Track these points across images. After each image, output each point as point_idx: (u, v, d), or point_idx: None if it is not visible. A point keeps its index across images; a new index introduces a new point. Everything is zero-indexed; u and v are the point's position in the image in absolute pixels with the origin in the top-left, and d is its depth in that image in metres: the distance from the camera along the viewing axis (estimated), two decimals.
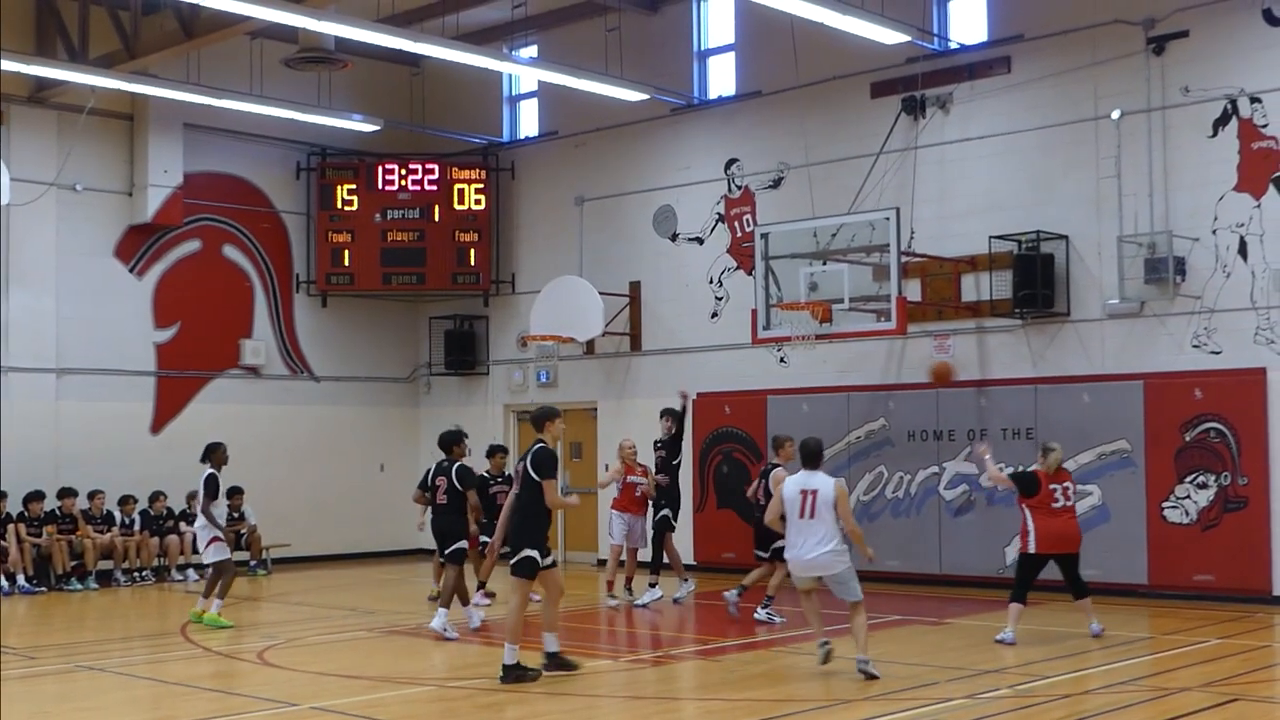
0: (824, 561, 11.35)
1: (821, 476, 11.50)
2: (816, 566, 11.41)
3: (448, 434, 14.71)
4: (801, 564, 11.47)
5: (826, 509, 11.29)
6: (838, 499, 11.32)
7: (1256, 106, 16.02)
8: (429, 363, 24.08)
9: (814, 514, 11.29)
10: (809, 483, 11.44)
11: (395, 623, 15.08)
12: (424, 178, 22.92)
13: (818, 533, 11.30)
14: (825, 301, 16.71)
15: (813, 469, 11.56)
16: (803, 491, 11.41)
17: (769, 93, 20.00)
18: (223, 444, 15.38)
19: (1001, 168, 17.88)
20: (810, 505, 11.31)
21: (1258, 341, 15.89)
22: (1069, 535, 13.48)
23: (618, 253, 21.61)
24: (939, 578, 17.60)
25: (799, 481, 11.52)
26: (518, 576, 11.37)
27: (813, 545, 11.31)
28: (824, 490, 11.34)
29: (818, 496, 11.32)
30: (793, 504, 11.43)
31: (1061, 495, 13.42)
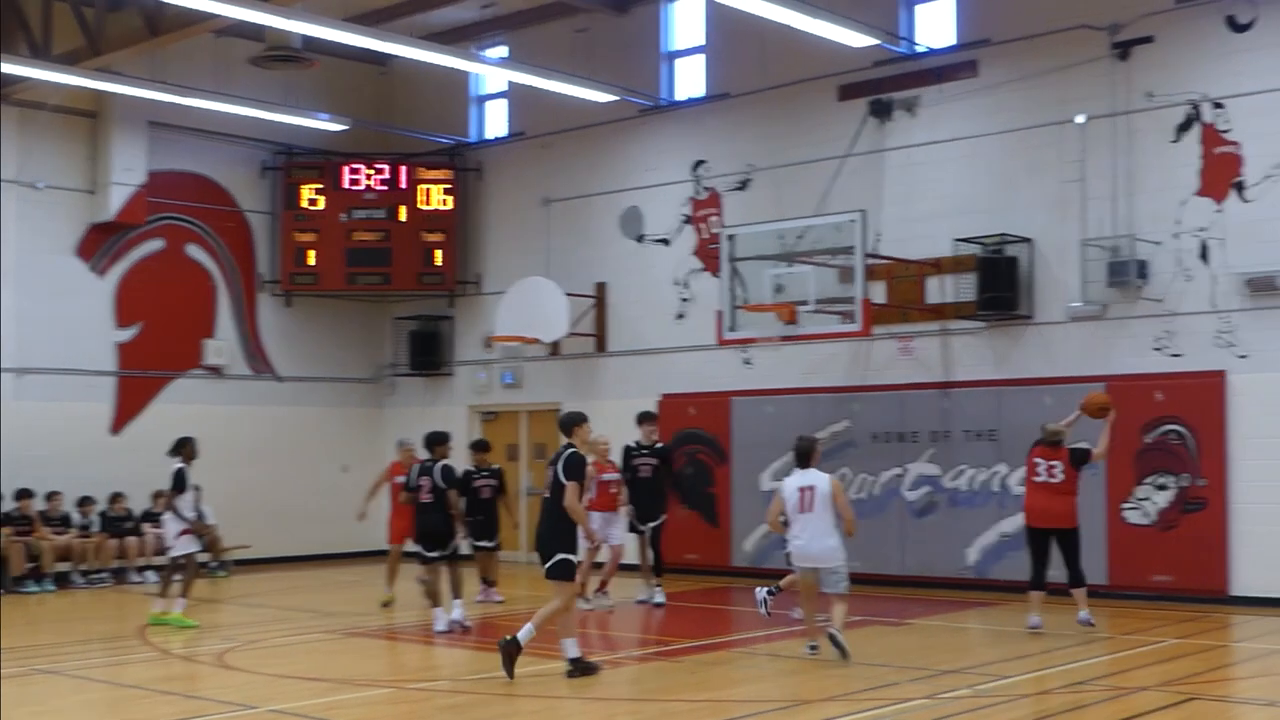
0: (824, 553, 12.14)
1: (817, 473, 12.28)
2: (817, 557, 12.19)
3: (433, 434, 14.90)
4: (804, 555, 12.26)
5: (824, 502, 12.08)
6: (834, 492, 12.12)
7: (1219, 112, 16.17)
8: (393, 363, 24.07)
9: (812, 508, 12.09)
10: (805, 480, 12.24)
11: (356, 624, 15.06)
12: (390, 177, 22.89)
13: (818, 525, 12.10)
14: (791, 303, 16.77)
15: (806, 467, 12.32)
16: (800, 489, 12.19)
17: (737, 95, 20.07)
18: (192, 439, 15.39)
19: (967, 171, 18.00)
20: (809, 500, 12.11)
21: (1218, 345, 16.05)
22: (1042, 510, 13.84)
23: (584, 254, 21.64)
24: (901, 579, 17.71)
25: (796, 480, 12.30)
26: (559, 580, 11.50)
27: (814, 537, 12.13)
28: (821, 485, 12.15)
29: (815, 491, 12.11)
30: (792, 501, 12.20)
31: (1045, 472, 13.83)
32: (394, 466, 17.16)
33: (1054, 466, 13.87)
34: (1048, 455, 13.95)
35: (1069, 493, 13.90)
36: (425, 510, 14.55)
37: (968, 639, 14.17)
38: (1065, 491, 13.88)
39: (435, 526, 14.50)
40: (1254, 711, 10.22)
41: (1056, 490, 13.85)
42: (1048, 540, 13.96)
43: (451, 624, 14.40)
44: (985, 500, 17.39)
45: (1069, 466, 13.88)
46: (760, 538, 19.14)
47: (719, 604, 17.02)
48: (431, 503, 14.49)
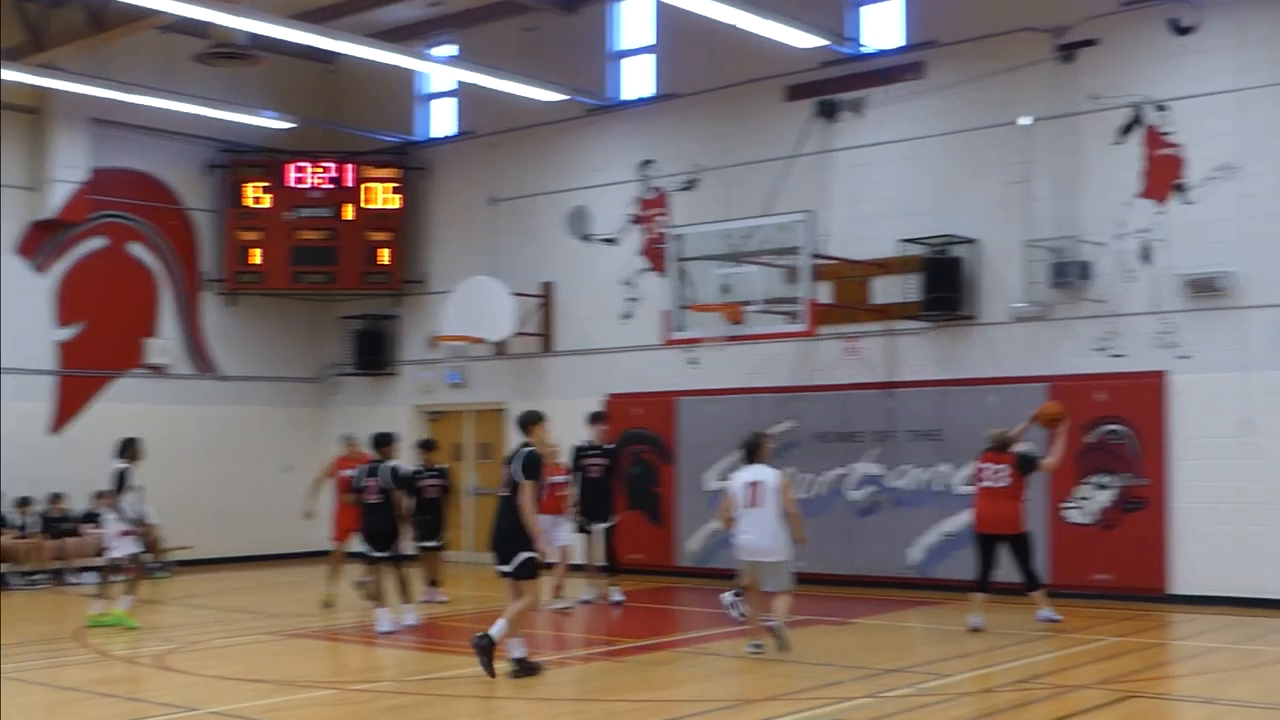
0: (766, 546, 12.29)
1: (765, 468, 12.50)
2: (760, 551, 12.33)
3: (381, 435, 14.96)
4: (747, 548, 12.40)
5: (771, 498, 12.28)
6: (781, 487, 12.34)
7: (1162, 114, 16.31)
8: (338, 363, 23.94)
9: (759, 503, 12.28)
10: (753, 475, 12.48)
11: (299, 626, 14.97)
12: (336, 176, 22.77)
13: (764, 521, 12.27)
14: (737, 303, 16.79)
15: (753, 462, 12.55)
16: (748, 484, 12.41)
17: (684, 95, 20.08)
18: (138, 439, 15.31)
19: (913, 172, 18.08)
20: (756, 495, 12.31)
21: (1159, 346, 16.19)
22: (986, 515, 14.02)
23: (530, 253, 21.59)
24: (845, 578, 17.76)
25: (744, 475, 12.54)
26: (526, 579, 11.44)
27: (760, 532, 12.28)
28: (768, 481, 12.38)
29: (762, 487, 12.33)
30: (740, 496, 12.42)
31: (990, 476, 14.01)
32: (338, 461, 17.10)
33: (999, 470, 13.97)
34: (994, 459, 14.05)
35: (1013, 498, 13.97)
36: (372, 511, 14.57)
37: (910, 638, 14.24)
38: (1009, 496, 13.95)
39: (381, 527, 14.53)
40: (1192, 709, 10.32)
41: (1001, 495, 13.95)
42: (995, 545, 14.05)
43: (402, 627, 14.35)
44: (929, 500, 17.48)
45: (1014, 471, 13.96)
46: (706, 537, 19.17)
47: (664, 604, 17.02)
48: (378, 503, 14.53)
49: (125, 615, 14.77)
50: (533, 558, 11.45)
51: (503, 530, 11.58)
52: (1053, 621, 13.78)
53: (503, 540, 11.56)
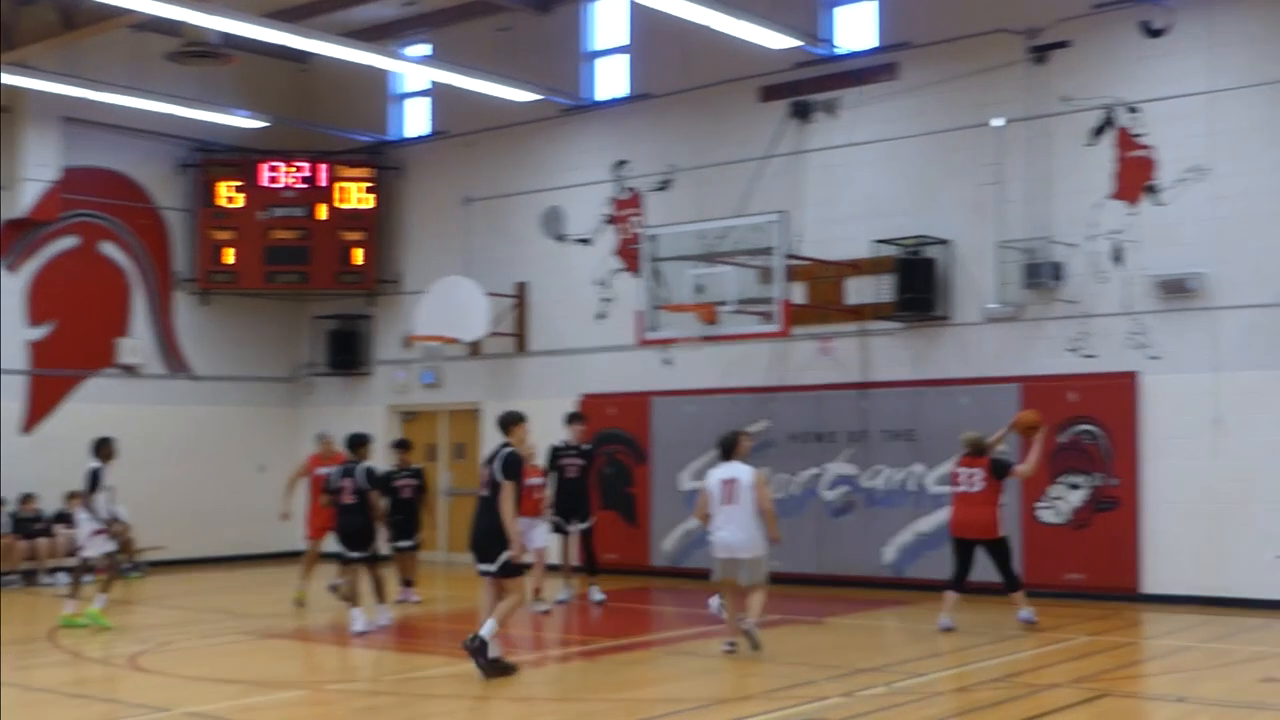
0: (743, 542, 12.39)
1: (741, 466, 12.59)
2: (735, 547, 12.42)
3: (356, 436, 14.94)
4: (722, 545, 12.49)
5: (746, 494, 12.36)
6: (756, 484, 12.43)
7: (1133, 116, 16.39)
8: (312, 362, 23.87)
9: (735, 499, 12.39)
10: (729, 472, 12.56)
11: (272, 626, 14.91)
12: (310, 175, 22.69)
13: (739, 517, 12.37)
14: (711, 304, 16.80)
15: (730, 460, 12.64)
16: (724, 481, 12.51)
17: (658, 95, 20.09)
18: (112, 439, 15.24)
19: (886, 173, 18.12)
20: (731, 492, 12.41)
21: (1130, 346, 16.27)
22: (962, 520, 14.04)
23: (505, 253, 21.56)
24: (819, 577, 17.81)
25: (720, 473, 12.64)
26: (510, 576, 11.49)
27: (735, 528, 12.39)
28: (744, 478, 12.46)
29: (738, 484, 12.42)
30: (716, 493, 12.50)
31: (965, 480, 14.03)
32: (313, 460, 17.04)
33: (974, 475, 14.01)
34: (969, 464, 14.09)
35: (988, 503, 13.97)
36: (347, 512, 14.55)
37: (884, 637, 14.28)
38: (984, 502, 13.96)
39: (357, 527, 14.51)
40: (1163, 707, 10.37)
41: (976, 500, 13.98)
42: (971, 549, 14.10)
43: (375, 627, 14.34)
44: (902, 500, 17.53)
45: (989, 475, 13.99)
46: (680, 537, 19.20)
47: (638, 604, 17.03)
48: (354, 504, 14.50)
49: (100, 614, 14.70)
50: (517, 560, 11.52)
51: (483, 530, 11.58)
52: (1030, 623, 13.81)
53: (484, 540, 11.57)
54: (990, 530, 13.98)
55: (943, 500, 16.95)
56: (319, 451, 16.97)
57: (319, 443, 17.09)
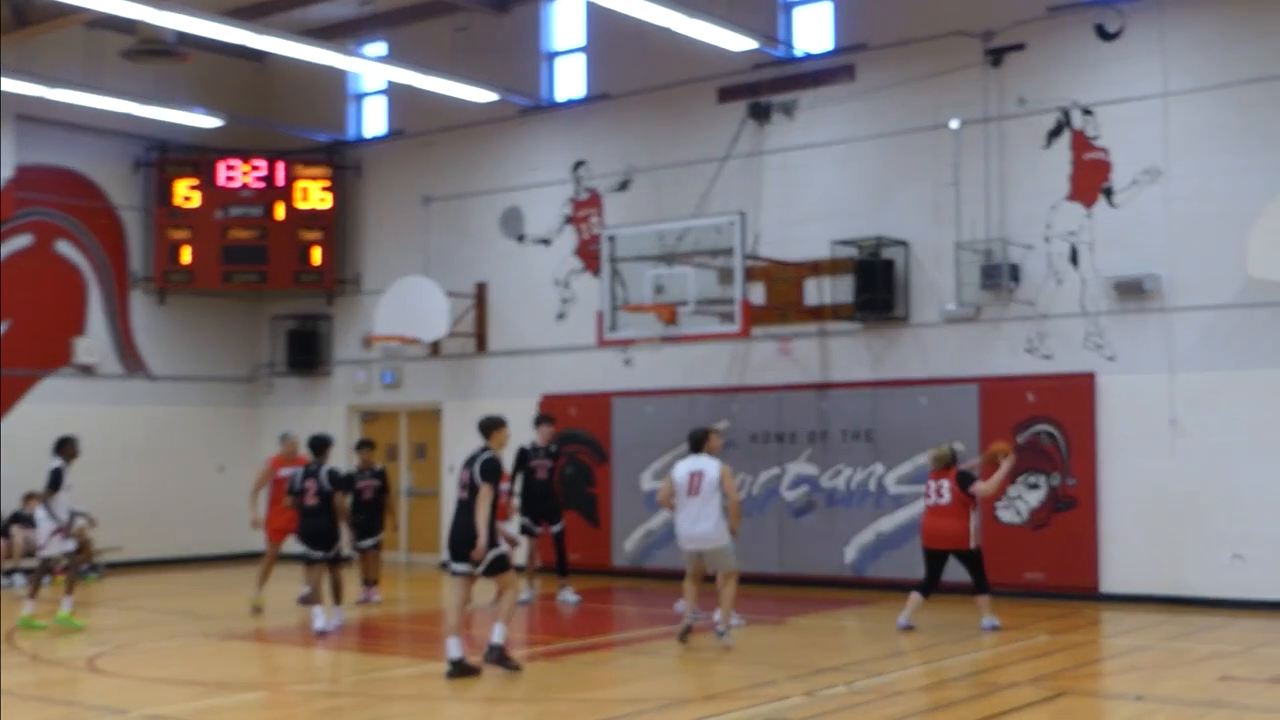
0: (707, 533, 12.75)
1: (708, 459, 12.94)
2: (700, 539, 12.79)
3: (319, 437, 14.94)
4: (688, 537, 12.88)
5: (711, 488, 12.70)
6: (722, 477, 12.76)
7: (1088, 119, 16.48)
8: (270, 362, 23.73)
9: (699, 492, 12.72)
10: (696, 465, 12.90)
11: (232, 628, 14.78)
12: (267, 175, 22.53)
13: (703, 510, 12.72)
14: (671, 304, 16.76)
15: (698, 453, 12.98)
16: (691, 474, 12.86)
17: (617, 96, 20.06)
18: (74, 438, 15.16)
19: (844, 174, 18.15)
20: (697, 484, 12.76)
21: (1087, 347, 16.36)
22: (931, 531, 14.04)
23: (464, 253, 21.49)
24: (780, 578, 17.81)
25: (688, 465, 12.97)
26: (499, 574, 11.59)
27: (698, 520, 12.74)
28: (710, 471, 12.78)
29: (704, 477, 12.76)
30: (681, 485, 12.85)
31: (934, 493, 14.04)
32: (275, 461, 16.81)
33: (941, 487, 14.02)
34: (937, 477, 14.10)
35: (957, 515, 13.96)
36: (311, 513, 14.56)
37: (845, 637, 14.29)
38: (953, 514, 13.96)
39: (321, 529, 14.52)
40: (1123, 706, 10.41)
41: (944, 512, 13.99)
42: (942, 560, 14.09)
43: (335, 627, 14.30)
44: (862, 500, 17.55)
45: (955, 487, 14.01)
46: (642, 537, 19.17)
47: (600, 604, 16.96)
48: (317, 506, 14.53)
49: (70, 616, 14.57)
50: (501, 554, 11.56)
51: (464, 532, 11.60)
52: (995, 629, 13.80)
53: (464, 542, 11.59)
54: (961, 541, 13.97)
55: (903, 500, 17.10)
56: (282, 452, 16.78)
57: (282, 443, 16.91)
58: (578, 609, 16.12)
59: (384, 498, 17.17)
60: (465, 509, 11.62)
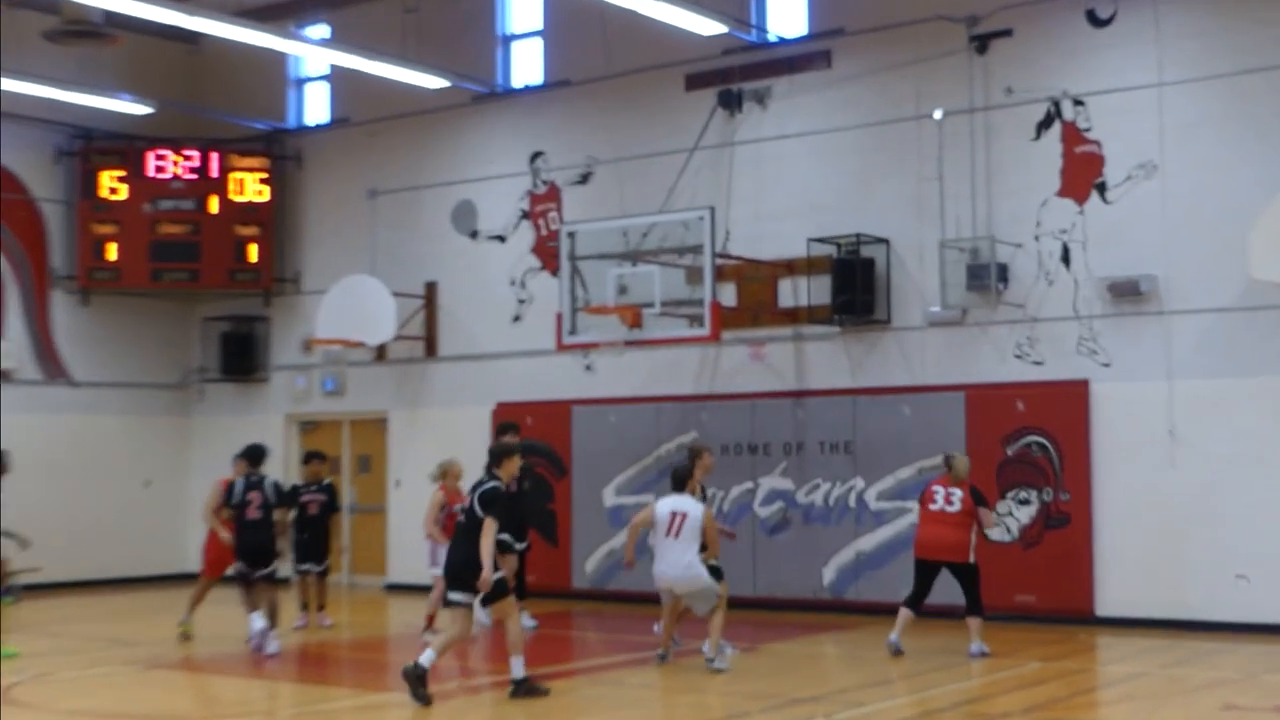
0: (685, 578, 12.95)
1: (691, 500, 13.18)
2: (679, 583, 13.01)
3: (256, 447, 14.91)
4: (667, 580, 13.10)
5: (693, 532, 12.93)
6: (705, 523, 13.01)
7: (1079, 109, 16.45)
8: (202, 368, 23.49)
9: (679, 534, 12.93)
10: (679, 505, 13.10)
11: (160, 655, 14.55)
12: (200, 165, 22.32)
13: (681, 553, 12.92)
14: (635, 305, 16.65)
15: (680, 492, 13.24)
16: (673, 513, 13.03)
17: (577, 83, 19.96)
18: (6, 451, 15.11)
19: (821, 167, 18.09)
20: (678, 526, 12.95)
21: (1080, 352, 16.31)
22: (931, 540, 13.88)
23: (413, 251, 21.34)
24: (753, 600, 17.64)
25: (670, 504, 13.15)
26: (497, 602, 11.71)
27: (677, 564, 12.93)
28: (693, 514, 12.99)
29: (687, 519, 12.96)
30: (662, 523, 13.02)
31: (943, 499, 13.87)
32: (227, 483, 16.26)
33: (953, 494, 13.89)
34: (948, 483, 13.96)
35: (962, 526, 13.90)
36: (253, 528, 14.51)
37: (823, 664, 14.23)
38: (959, 524, 13.88)
39: (263, 545, 14.51)
40: None
41: (950, 521, 13.86)
42: (936, 572, 13.95)
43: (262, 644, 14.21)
44: (841, 517, 17.44)
45: (968, 497, 13.92)
46: (603, 558, 19.01)
47: (560, 629, 16.79)
48: (260, 520, 14.48)
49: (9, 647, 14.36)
50: (500, 580, 11.64)
51: (464, 558, 11.67)
52: (984, 655, 13.68)
53: (464, 569, 11.64)
54: (962, 553, 13.90)
55: (885, 517, 17.01)
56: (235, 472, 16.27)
57: (237, 464, 16.45)
58: (534, 635, 15.91)
59: (332, 515, 16.94)
60: (466, 535, 11.73)
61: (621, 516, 18.67)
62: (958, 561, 13.90)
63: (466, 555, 11.62)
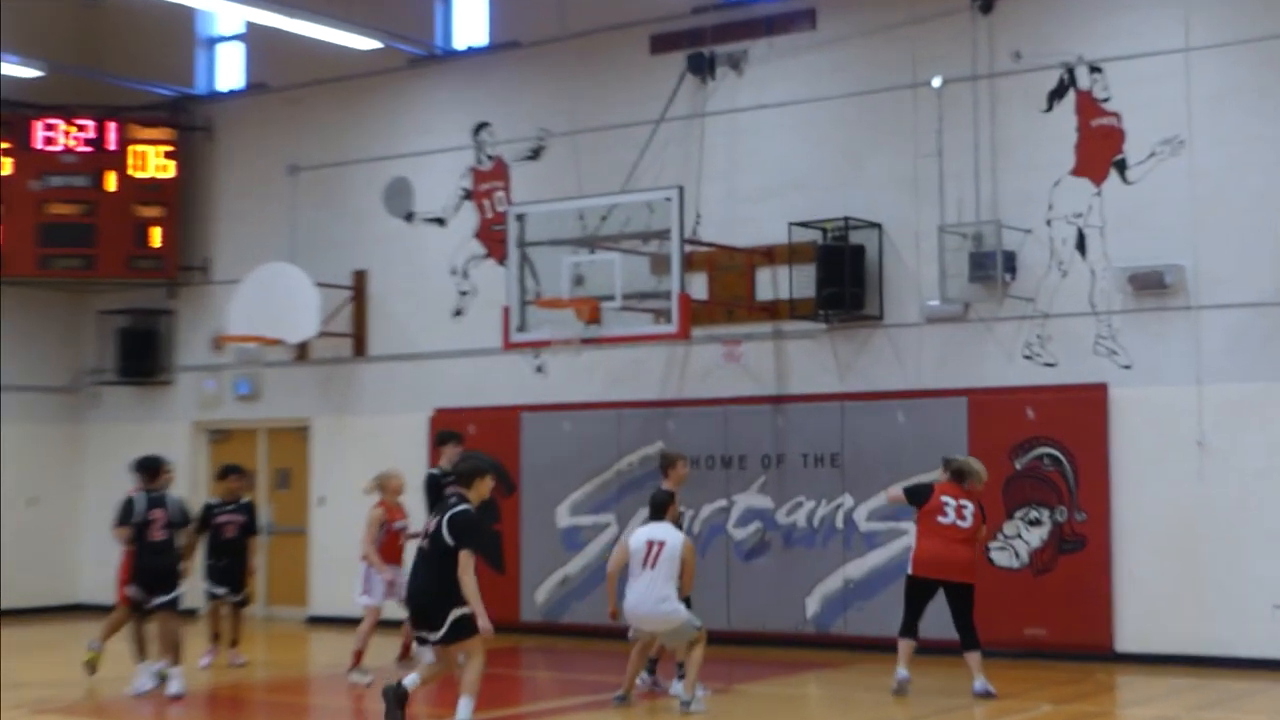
0: (656, 617, 13.04)
1: (670, 529, 13.25)
2: (653, 621, 13.09)
3: (152, 459, 14.78)
4: (638, 616, 13.14)
5: (670, 562, 13.01)
6: (684, 556, 13.09)
7: (1096, 77, 16.49)
8: (98, 368, 23.41)
9: (655, 564, 13.03)
10: (657, 534, 13.21)
11: (46, 698, 14.39)
12: (96, 137, 22.20)
13: (656, 586, 13.01)
14: (593, 298, 16.66)
15: (659, 520, 13.33)
16: (649, 542, 13.15)
17: (528, 45, 19.97)
18: None
19: (804, 141, 18.10)
20: (654, 556, 13.04)
21: (1098, 352, 16.32)
22: (946, 560, 13.80)
23: (339, 235, 21.30)
24: (726, 635, 17.55)
25: (646, 532, 13.26)
26: (463, 640, 11.63)
27: (646, 597, 13.02)
28: (671, 543, 13.09)
29: (664, 549, 13.06)
30: (637, 554, 13.13)
31: (954, 513, 13.82)
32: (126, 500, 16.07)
33: (964, 508, 13.87)
34: (957, 493, 13.90)
35: (971, 542, 13.98)
36: (157, 550, 14.40)
37: (807, 708, 14.26)
38: (968, 540, 13.93)
39: (167, 568, 14.44)
40: None
41: (961, 537, 13.85)
42: (933, 594, 13.94)
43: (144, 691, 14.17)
44: (827, 539, 17.43)
45: (979, 512, 13.94)
46: (555, 586, 18.98)
47: (506, 668, 16.68)
48: (165, 540, 14.41)
49: None
50: (466, 615, 11.53)
51: (426, 590, 11.64)
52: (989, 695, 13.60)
53: (428, 602, 11.60)
54: (969, 573, 13.94)
55: (876, 539, 17.02)
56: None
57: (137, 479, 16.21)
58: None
59: (250, 539, 16.83)
60: (428, 564, 11.67)
61: (577, 539, 18.64)
62: (964, 582, 13.87)
63: (431, 590, 11.59)
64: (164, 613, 14.34)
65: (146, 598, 14.36)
